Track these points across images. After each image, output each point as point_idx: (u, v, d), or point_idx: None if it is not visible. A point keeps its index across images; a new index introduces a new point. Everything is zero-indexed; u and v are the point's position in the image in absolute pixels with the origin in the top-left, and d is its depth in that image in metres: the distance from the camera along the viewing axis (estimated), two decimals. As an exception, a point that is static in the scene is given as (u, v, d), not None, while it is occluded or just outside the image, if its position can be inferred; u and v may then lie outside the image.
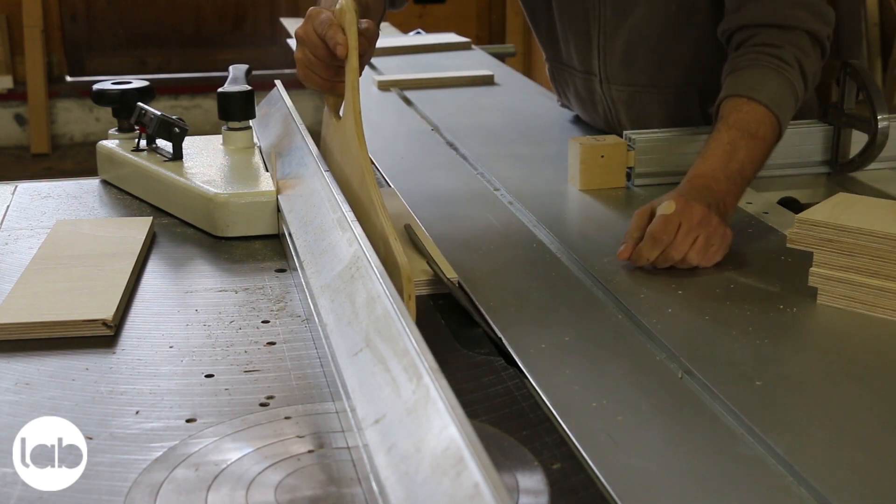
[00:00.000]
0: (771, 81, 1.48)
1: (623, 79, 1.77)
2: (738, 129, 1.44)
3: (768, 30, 1.53)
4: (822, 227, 1.20)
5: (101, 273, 1.29)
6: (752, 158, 1.44)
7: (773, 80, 1.48)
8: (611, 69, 1.78)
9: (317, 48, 1.35)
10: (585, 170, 1.62)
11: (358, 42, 1.31)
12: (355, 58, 1.31)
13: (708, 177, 1.39)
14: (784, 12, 1.53)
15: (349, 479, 0.90)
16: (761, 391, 1.04)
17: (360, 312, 1.03)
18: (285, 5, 6.10)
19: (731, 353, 1.12)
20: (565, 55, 1.89)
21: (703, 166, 1.41)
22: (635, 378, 1.08)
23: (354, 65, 1.31)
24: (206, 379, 1.08)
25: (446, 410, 0.79)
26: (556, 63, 1.95)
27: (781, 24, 1.53)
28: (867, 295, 1.19)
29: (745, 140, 1.43)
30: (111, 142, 1.70)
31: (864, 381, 1.07)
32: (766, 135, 1.46)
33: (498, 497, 0.68)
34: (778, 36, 1.52)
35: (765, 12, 1.54)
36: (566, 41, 1.86)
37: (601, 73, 1.80)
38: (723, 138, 1.44)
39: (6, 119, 5.84)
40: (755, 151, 1.44)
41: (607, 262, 1.34)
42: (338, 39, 1.30)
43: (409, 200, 1.58)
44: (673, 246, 1.30)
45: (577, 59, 1.85)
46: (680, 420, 1.00)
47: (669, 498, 0.88)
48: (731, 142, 1.43)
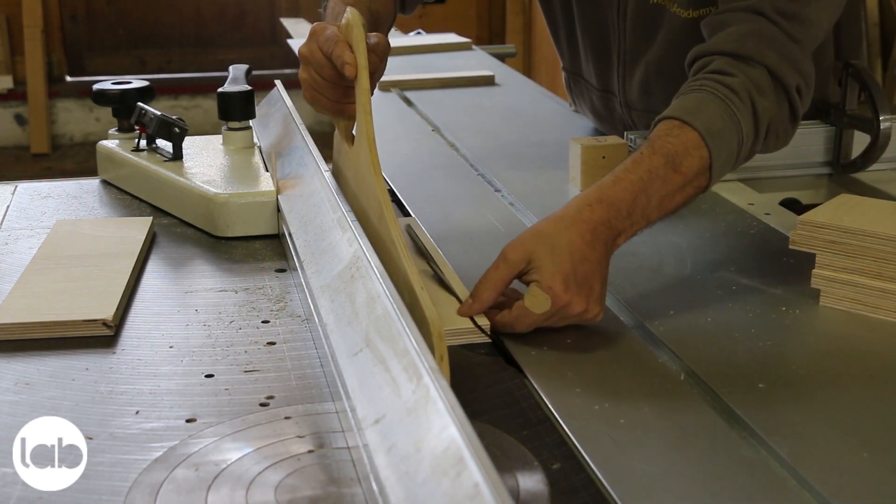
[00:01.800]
0: (710, 108, 1.27)
1: (643, 105, 1.74)
2: (662, 156, 1.23)
3: (723, 57, 1.32)
4: (825, 228, 1.20)
5: (101, 273, 1.29)
6: (663, 196, 1.22)
7: (713, 108, 1.27)
8: (630, 96, 1.75)
9: (323, 68, 1.25)
10: (587, 171, 1.62)
11: (368, 59, 1.21)
12: (366, 78, 1.21)
13: (612, 207, 1.18)
14: (745, 43, 1.32)
15: (349, 479, 0.90)
16: (764, 393, 1.04)
17: (360, 312, 1.02)
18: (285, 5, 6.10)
19: (733, 355, 1.12)
20: (585, 71, 1.85)
21: (610, 192, 1.20)
22: (637, 380, 1.07)
23: (365, 85, 1.21)
24: (206, 379, 1.08)
25: (446, 410, 0.79)
26: (574, 75, 1.92)
27: (738, 53, 1.31)
28: (870, 297, 1.18)
29: (666, 171, 1.22)
30: (111, 142, 1.70)
31: (867, 384, 1.07)
32: (689, 171, 1.23)
33: (498, 497, 0.68)
34: (732, 65, 1.31)
35: (725, 40, 1.33)
36: (587, 59, 1.82)
37: (621, 97, 1.77)
38: (642, 164, 1.22)
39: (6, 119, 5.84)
40: (670, 188, 1.22)
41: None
42: (345, 58, 1.20)
43: (410, 201, 1.58)
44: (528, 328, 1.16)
45: (597, 78, 1.82)
46: (682, 422, 0.99)
47: (672, 501, 0.88)
48: (651, 170, 1.22)
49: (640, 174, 1.21)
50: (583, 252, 1.14)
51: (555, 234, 1.15)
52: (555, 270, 1.13)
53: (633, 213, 1.20)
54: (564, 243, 1.14)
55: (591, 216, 1.17)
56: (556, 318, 1.14)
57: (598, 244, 1.16)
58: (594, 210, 1.18)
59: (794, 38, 1.32)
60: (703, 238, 1.43)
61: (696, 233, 1.44)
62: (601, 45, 1.76)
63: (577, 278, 1.13)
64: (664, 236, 1.44)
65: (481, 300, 1.16)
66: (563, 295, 1.12)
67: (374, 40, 1.26)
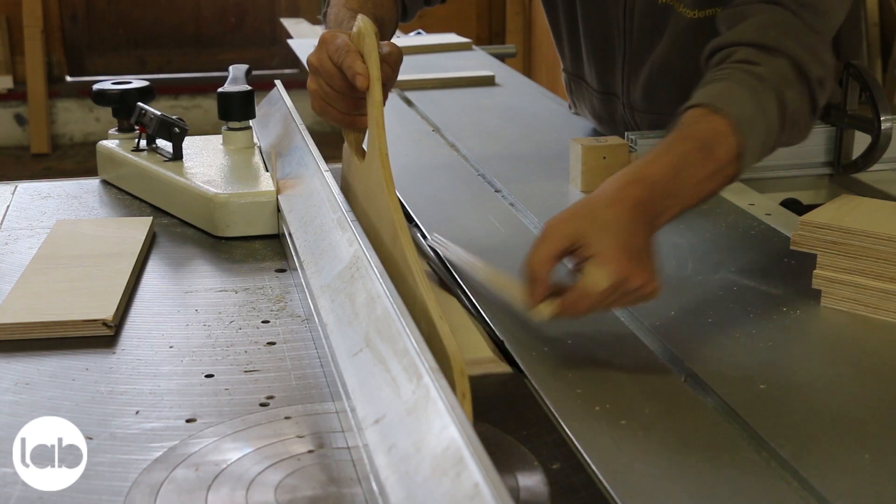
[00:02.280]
0: (739, 96, 1.24)
1: (647, 107, 1.74)
2: (695, 142, 1.20)
3: (747, 48, 1.30)
4: (826, 229, 1.20)
5: (101, 273, 1.29)
6: (697, 181, 1.19)
7: (741, 96, 1.24)
8: (634, 98, 1.75)
9: (333, 78, 1.20)
10: (587, 171, 1.61)
11: (380, 70, 1.16)
12: (378, 89, 1.16)
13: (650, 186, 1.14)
14: (767, 33, 1.31)
15: (349, 479, 0.90)
16: (765, 395, 1.04)
17: (360, 312, 1.02)
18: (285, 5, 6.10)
19: (734, 356, 1.12)
20: (587, 73, 1.84)
21: (646, 171, 1.16)
22: (638, 381, 1.07)
23: (378, 97, 1.15)
24: (206, 379, 1.08)
25: (446, 410, 0.79)
26: (575, 77, 1.91)
27: (762, 43, 1.30)
28: (871, 297, 1.18)
29: (698, 156, 1.19)
30: (111, 142, 1.70)
31: (868, 385, 1.07)
32: (721, 158, 1.20)
33: (498, 497, 0.68)
34: (756, 55, 1.29)
35: (747, 31, 1.32)
36: (589, 61, 1.81)
37: (624, 98, 1.76)
38: (675, 148, 1.19)
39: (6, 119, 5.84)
40: (703, 173, 1.19)
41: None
42: (356, 69, 1.15)
43: (410, 201, 1.57)
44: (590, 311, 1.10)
45: (599, 80, 1.81)
46: (683, 424, 0.99)
47: (672, 502, 0.88)
48: (684, 154, 1.18)
49: (674, 158, 1.17)
50: (631, 228, 1.09)
51: (598, 211, 1.10)
52: (610, 243, 1.07)
53: (670, 196, 1.15)
54: (612, 219, 1.09)
55: (631, 193, 1.12)
56: (616, 296, 1.07)
57: (641, 223, 1.11)
58: (634, 188, 1.12)
59: (814, 28, 1.32)
60: (704, 239, 1.43)
61: (696, 233, 1.44)
62: (604, 47, 1.76)
63: (631, 250, 1.07)
64: (665, 237, 1.43)
65: (540, 279, 1.08)
66: (625, 265, 1.06)
67: (387, 49, 1.22)
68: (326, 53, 1.20)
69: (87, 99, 5.55)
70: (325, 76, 1.21)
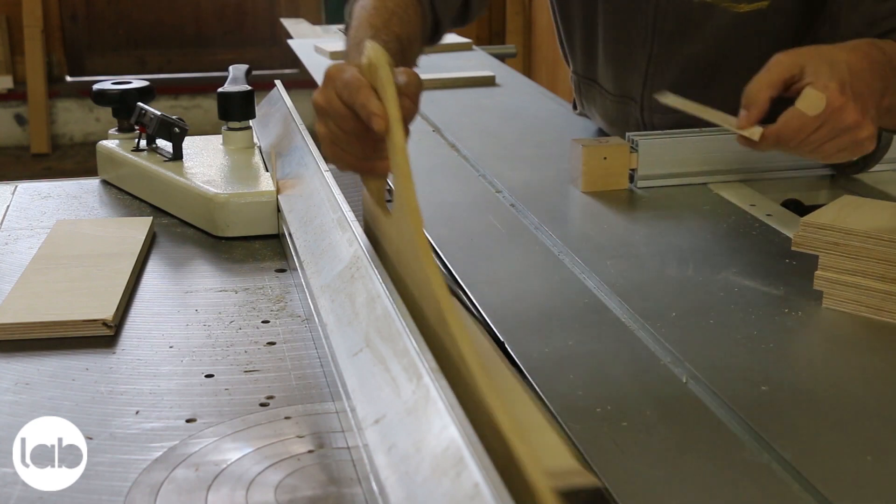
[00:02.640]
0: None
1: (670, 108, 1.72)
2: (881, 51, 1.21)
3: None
4: (828, 230, 1.20)
5: (101, 273, 1.29)
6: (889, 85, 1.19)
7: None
8: (655, 101, 1.72)
9: (345, 120, 1.04)
10: (588, 171, 1.61)
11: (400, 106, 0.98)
12: (399, 131, 0.96)
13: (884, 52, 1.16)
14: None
15: (349, 479, 0.90)
16: (767, 396, 1.03)
17: (360, 312, 1.02)
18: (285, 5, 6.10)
19: (736, 357, 1.11)
20: (601, 76, 1.82)
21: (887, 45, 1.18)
22: (639, 383, 1.07)
23: (400, 141, 0.96)
24: (206, 379, 1.08)
25: (446, 410, 0.79)
26: (586, 80, 1.88)
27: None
28: (873, 298, 1.18)
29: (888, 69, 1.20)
30: (111, 142, 1.70)
31: (870, 386, 1.06)
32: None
33: (498, 497, 0.68)
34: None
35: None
36: (606, 65, 1.79)
37: (643, 101, 1.75)
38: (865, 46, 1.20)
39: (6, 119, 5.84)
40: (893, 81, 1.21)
41: (610, 265, 1.33)
42: (371, 108, 0.98)
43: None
44: (800, 144, 1.12)
45: (614, 84, 1.79)
46: (685, 426, 0.99)
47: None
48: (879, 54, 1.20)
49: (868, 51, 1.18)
50: (861, 72, 1.12)
51: (829, 52, 1.13)
52: (832, 74, 1.11)
53: (890, 78, 1.16)
54: (842, 59, 1.12)
55: (868, 50, 1.15)
56: (828, 129, 1.09)
57: (877, 77, 1.13)
58: (872, 48, 1.16)
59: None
60: (705, 240, 1.43)
61: (697, 234, 1.44)
62: (625, 51, 1.74)
63: (854, 87, 1.10)
64: (666, 238, 1.44)
65: (757, 103, 1.10)
66: (839, 96, 1.09)
67: (404, 79, 1.03)
68: (335, 92, 1.04)
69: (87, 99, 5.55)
70: (336, 118, 1.05)
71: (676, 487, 0.89)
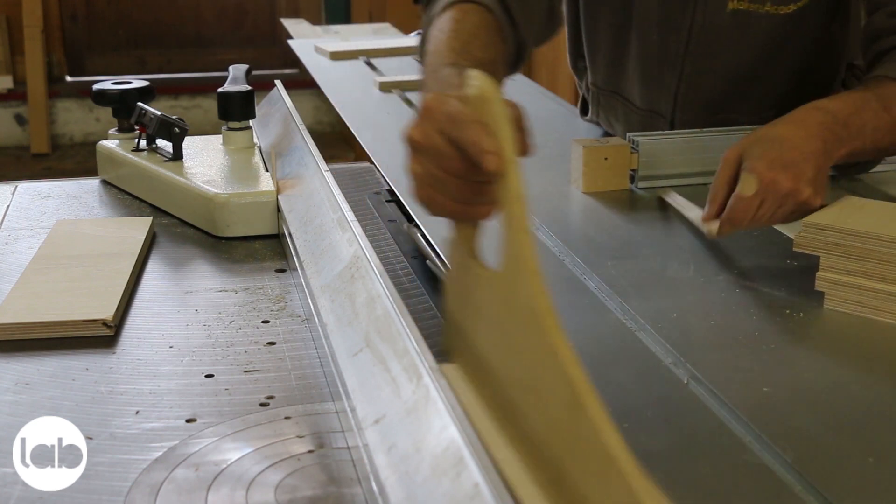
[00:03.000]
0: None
1: (701, 122, 1.69)
2: (873, 94, 1.34)
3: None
4: (830, 230, 1.19)
5: (101, 273, 1.28)
6: (875, 127, 1.32)
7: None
8: (688, 115, 1.71)
9: (447, 159, 0.90)
10: (588, 172, 1.61)
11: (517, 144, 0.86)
12: (516, 174, 0.83)
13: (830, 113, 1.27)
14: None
15: (349, 479, 0.90)
16: (768, 397, 1.03)
17: (360, 312, 1.02)
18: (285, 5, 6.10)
19: (737, 358, 1.11)
20: (626, 91, 1.79)
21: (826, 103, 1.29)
22: (640, 384, 1.07)
23: (517, 186, 0.82)
24: (206, 379, 1.08)
25: (446, 410, 0.79)
26: (607, 92, 1.84)
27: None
28: (875, 299, 1.18)
29: (877, 107, 1.32)
30: (111, 142, 1.69)
31: (872, 387, 1.06)
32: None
33: (498, 497, 0.68)
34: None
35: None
36: (634, 79, 1.76)
37: (674, 117, 1.73)
38: (853, 93, 1.34)
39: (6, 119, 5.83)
40: (880, 123, 1.33)
41: (611, 266, 1.33)
42: (483, 145, 0.84)
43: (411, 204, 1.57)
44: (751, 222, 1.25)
45: (641, 98, 1.76)
46: (686, 427, 0.99)
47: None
48: (863, 100, 1.32)
49: (854, 99, 1.30)
50: (793, 141, 1.22)
51: (768, 130, 1.24)
52: (760, 154, 1.21)
53: (847, 127, 1.26)
54: (775, 135, 1.23)
55: (807, 117, 1.25)
56: (770, 201, 1.20)
57: (814, 139, 1.22)
58: (812, 113, 1.26)
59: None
60: (706, 240, 1.42)
61: (698, 235, 1.44)
62: (656, 68, 1.71)
63: (783, 160, 1.19)
64: (666, 239, 1.44)
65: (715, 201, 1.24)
66: (768, 171, 1.19)
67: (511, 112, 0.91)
68: (436, 127, 0.92)
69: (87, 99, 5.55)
70: (436, 156, 0.92)
71: (677, 488, 0.89)
